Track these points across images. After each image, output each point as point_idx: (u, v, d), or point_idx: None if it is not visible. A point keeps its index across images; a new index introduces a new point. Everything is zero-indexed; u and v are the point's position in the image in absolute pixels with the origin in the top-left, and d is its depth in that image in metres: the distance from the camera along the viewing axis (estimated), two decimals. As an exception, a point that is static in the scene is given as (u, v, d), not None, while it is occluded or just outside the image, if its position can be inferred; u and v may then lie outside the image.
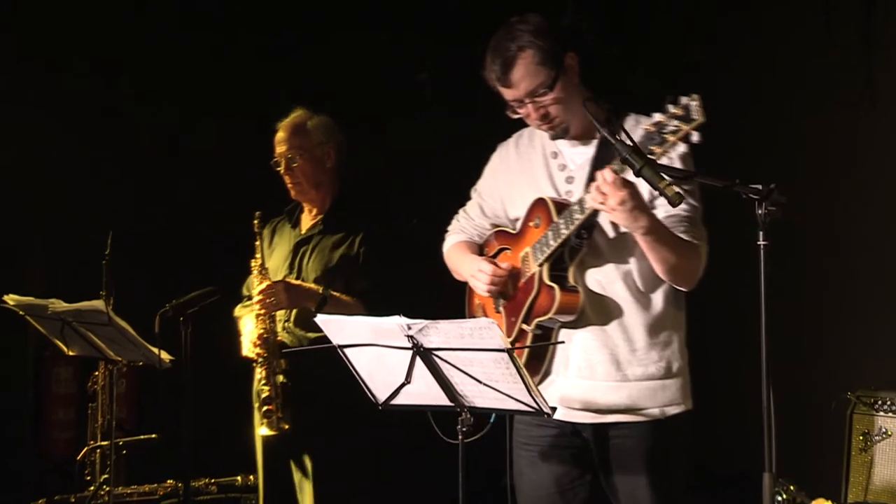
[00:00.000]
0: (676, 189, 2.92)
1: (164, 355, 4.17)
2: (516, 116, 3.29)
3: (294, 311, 4.29)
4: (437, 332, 2.94)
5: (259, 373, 4.17)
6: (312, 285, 4.25)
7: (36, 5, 5.34)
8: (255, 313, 4.19)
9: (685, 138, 2.86)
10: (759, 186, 2.80)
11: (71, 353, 4.44)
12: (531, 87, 3.19)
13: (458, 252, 3.59)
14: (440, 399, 3.08)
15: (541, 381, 3.30)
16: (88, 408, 4.82)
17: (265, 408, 4.11)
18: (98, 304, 4.15)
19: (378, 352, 3.06)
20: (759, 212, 2.78)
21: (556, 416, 3.17)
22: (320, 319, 3.10)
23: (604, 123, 3.03)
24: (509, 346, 2.88)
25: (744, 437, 3.37)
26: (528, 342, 3.27)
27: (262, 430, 4.14)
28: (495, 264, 3.38)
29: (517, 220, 3.43)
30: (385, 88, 5.69)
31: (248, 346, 4.21)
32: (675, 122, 2.86)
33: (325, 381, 3.97)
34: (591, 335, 3.25)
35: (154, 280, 5.00)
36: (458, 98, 4.89)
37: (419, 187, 5.53)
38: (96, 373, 4.76)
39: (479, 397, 3.03)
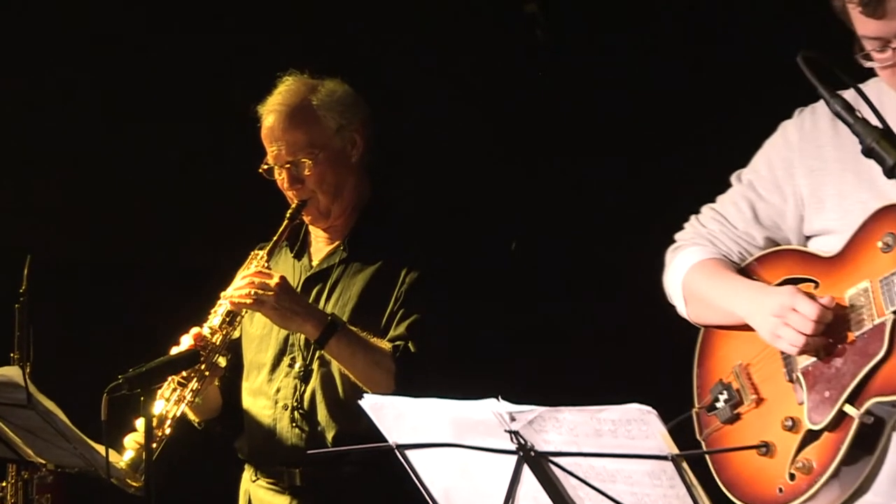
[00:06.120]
0: None
1: (115, 457, 4.02)
2: (870, 65, 3.15)
3: (306, 393, 4.22)
4: (558, 427, 2.82)
5: (168, 388, 4.12)
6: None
7: None
8: (227, 297, 4.13)
9: None
10: None
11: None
12: None
13: (717, 274, 3.41)
14: (561, 535, 2.94)
15: (847, 502, 3.16)
16: (-7, 540, 4.68)
17: (152, 440, 3.97)
18: (11, 372, 3.99)
19: (461, 457, 2.99)
20: None
21: None
22: (367, 402, 3.02)
23: None
24: (675, 452, 2.73)
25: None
26: (851, 434, 3.10)
27: (124, 457, 4.05)
28: (816, 300, 3.17)
29: (818, 235, 3.30)
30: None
31: (189, 339, 4.15)
32: None
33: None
34: None
35: (93, 335, 5.14)
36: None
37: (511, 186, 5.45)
38: (3, 483, 4.63)
39: (627, 533, 2.88)
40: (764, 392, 3.29)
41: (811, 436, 3.13)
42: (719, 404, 3.37)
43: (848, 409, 3.10)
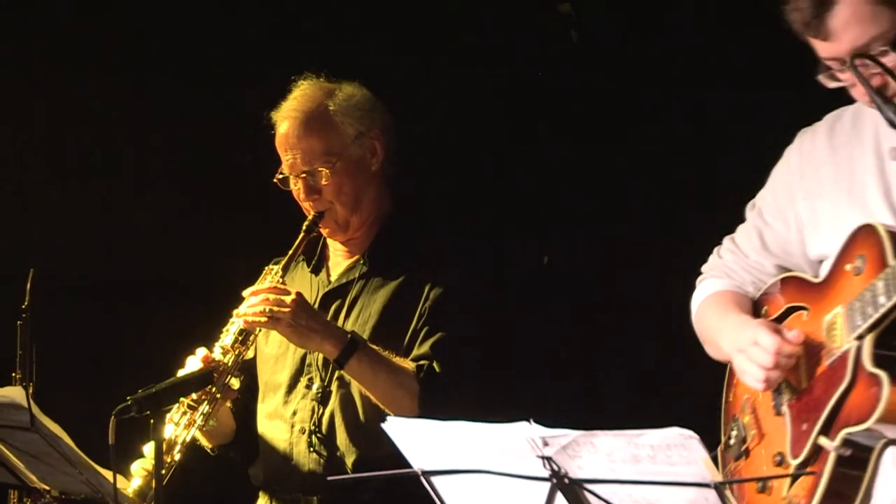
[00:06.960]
0: None
1: (123, 483, 4.03)
2: (834, 85, 3.19)
3: (325, 416, 4.21)
4: (594, 452, 2.81)
5: (178, 412, 4.11)
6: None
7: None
8: (240, 315, 4.10)
9: None
10: None
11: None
12: (861, 40, 3.10)
13: (718, 308, 3.49)
14: (597, 568, 2.89)
15: None
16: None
17: (162, 465, 3.92)
18: (14, 392, 4.01)
19: (490, 483, 2.96)
20: None
21: None
22: (391, 426, 3.01)
23: None
24: (719, 479, 2.73)
25: None
26: (828, 467, 3.10)
27: (132, 484, 4.05)
28: (781, 335, 3.22)
29: (822, 259, 3.33)
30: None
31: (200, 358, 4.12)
32: None
33: None
34: None
35: (100, 354, 5.13)
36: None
37: (538, 192, 5.47)
38: (5, 511, 4.64)
39: (666, 565, 2.85)
40: (765, 426, 3.34)
41: (801, 466, 3.15)
42: (732, 441, 3.44)
43: (822, 441, 3.12)
